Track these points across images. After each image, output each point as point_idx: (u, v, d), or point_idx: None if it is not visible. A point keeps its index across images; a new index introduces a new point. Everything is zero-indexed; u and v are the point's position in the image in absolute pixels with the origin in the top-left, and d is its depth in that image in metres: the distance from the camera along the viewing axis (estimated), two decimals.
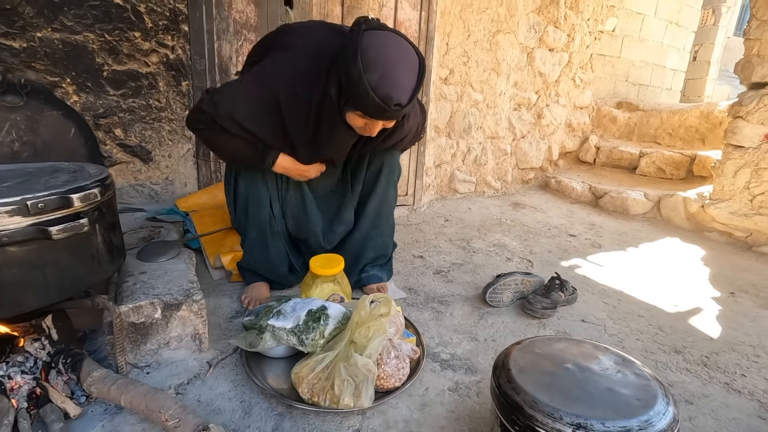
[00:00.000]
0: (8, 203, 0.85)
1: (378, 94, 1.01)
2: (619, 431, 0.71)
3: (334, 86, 1.11)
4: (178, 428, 0.87)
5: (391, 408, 1.06)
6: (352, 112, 1.11)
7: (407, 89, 1.04)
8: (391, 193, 1.59)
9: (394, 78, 1.02)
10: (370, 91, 1.00)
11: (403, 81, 1.04)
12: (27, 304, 0.93)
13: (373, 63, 1.00)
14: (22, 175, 1.06)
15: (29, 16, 1.61)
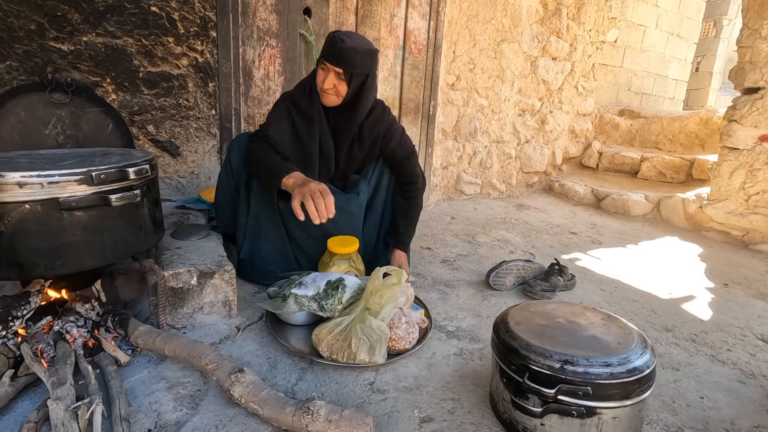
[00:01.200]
0: (76, 173, 1.00)
1: (334, 35, 1.39)
2: (601, 365, 0.82)
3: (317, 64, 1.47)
4: (217, 370, 0.99)
5: (401, 366, 1.18)
6: (320, 65, 1.43)
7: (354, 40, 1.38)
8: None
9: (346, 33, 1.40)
10: (330, 36, 1.39)
11: (351, 36, 1.39)
12: (87, 263, 1.07)
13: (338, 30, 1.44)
14: (79, 156, 1.21)
15: (77, 22, 1.79)
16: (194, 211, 1.85)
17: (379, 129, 1.58)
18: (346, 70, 1.39)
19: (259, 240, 1.59)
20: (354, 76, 1.41)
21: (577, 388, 0.81)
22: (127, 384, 1.01)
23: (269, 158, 1.40)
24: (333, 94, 1.44)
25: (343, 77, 1.40)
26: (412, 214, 1.70)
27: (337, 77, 1.41)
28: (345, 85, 1.42)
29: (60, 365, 0.95)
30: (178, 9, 1.96)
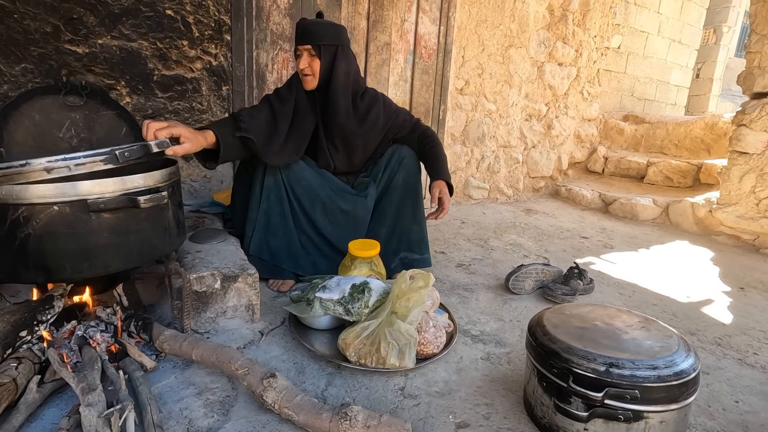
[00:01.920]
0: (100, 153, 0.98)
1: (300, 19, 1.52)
2: (647, 368, 0.81)
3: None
4: (247, 375, 0.97)
5: (430, 371, 1.16)
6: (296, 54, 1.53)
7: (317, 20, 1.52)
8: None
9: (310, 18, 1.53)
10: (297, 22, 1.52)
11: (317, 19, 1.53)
12: (113, 266, 1.05)
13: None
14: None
15: (92, 24, 1.78)
16: (209, 214, 1.83)
17: (378, 106, 1.66)
18: (313, 45, 1.48)
19: (267, 235, 1.59)
20: (322, 48, 1.49)
21: (625, 391, 0.79)
22: (155, 390, 0.98)
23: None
24: (309, 74, 1.51)
25: (313, 53, 1.49)
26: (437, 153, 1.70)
27: (309, 55, 1.50)
28: (317, 61, 1.50)
29: (88, 371, 0.92)
30: (193, 12, 1.95)
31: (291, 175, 1.58)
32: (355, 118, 1.61)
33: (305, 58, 1.50)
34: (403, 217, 1.75)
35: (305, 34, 1.48)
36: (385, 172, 1.72)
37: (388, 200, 1.73)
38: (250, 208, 1.59)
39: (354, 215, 1.68)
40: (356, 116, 1.61)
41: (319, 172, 1.66)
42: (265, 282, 1.58)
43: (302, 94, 1.58)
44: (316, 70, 1.51)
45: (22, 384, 0.89)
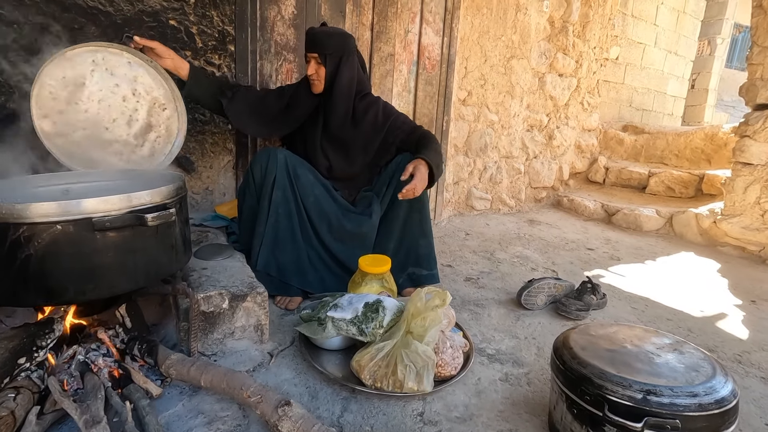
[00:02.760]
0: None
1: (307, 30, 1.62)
2: (687, 395, 0.77)
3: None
4: (260, 403, 0.92)
5: (449, 394, 1.11)
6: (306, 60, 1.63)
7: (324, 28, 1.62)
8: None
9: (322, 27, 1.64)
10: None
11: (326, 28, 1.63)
12: (118, 287, 1.00)
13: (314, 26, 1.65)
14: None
15: (94, 35, 1.73)
16: (213, 228, 1.78)
17: (376, 107, 1.72)
18: (320, 53, 1.57)
19: (275, 249, 1.55)
20: (328, 57, 1.58)
21: (665, 421, 0.75)
22: (162, 419, 0.93)
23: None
24: (316, 79, 1.61)
25: (320, 61, 1.58)
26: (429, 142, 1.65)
27: (317, 62, 1.59)
28: (323, 68, 1.59)
29: (91, 400, 0.87)
30: (197, 23, 1.92)
31: (301, 189, 1.55)
32: (352, 120, 1.69)
33: (313, 65, 1.59)
34: (410, 231, 1.71)
35: (313, 43, 1.57)
36: (390, 185, 1.69)
37: (395, 214, 1.70)
38: (258, 222, 1.55)
39: (360, 234, 1.65)
40: (354, 118, 1.69)
41: (326, 188, 1.63)
42: (272, 299, 1.53)
43: (308, 93, 1.68)
44: (322, 76, 1.60)
45: (21, 416, 0.83)
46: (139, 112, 1.55)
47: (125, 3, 1.76)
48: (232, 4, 1.97)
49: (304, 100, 1.69)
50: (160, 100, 1.59)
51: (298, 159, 1.60)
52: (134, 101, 1.53)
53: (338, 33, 1.62)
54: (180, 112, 1.64)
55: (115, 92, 1.49)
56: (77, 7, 1.68)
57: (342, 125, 1.69)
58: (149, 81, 1.55)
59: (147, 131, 1.59)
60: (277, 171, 1.52)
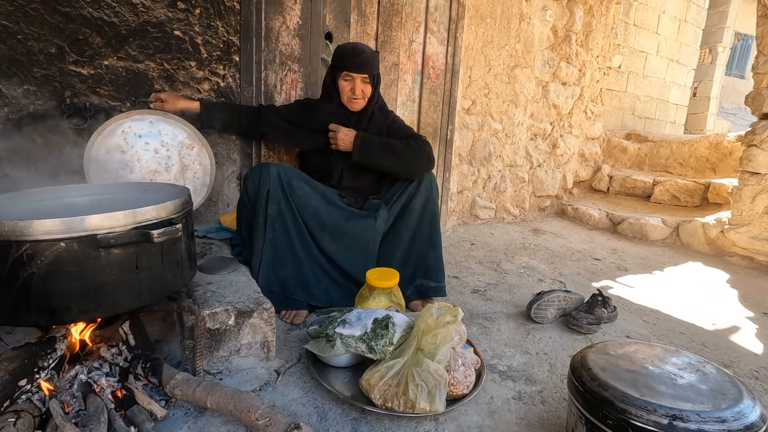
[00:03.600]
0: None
1: (350, 48, 1.64)
2: (715, 421, 0.74)
3: (328, 77, 1.73)
4: (269, 427, 0.89)
5: (461, 414, 1.08)
6: (340, 77, 1.65)
7: (365, 47, 1.66)
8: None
9: (357, 44, 1.68)
10: (346, 50, 1.63)
11: (361, 44, 1.68)
12: (123, 305, 0.97)
13: (345, 44, 1.69)
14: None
15: (98, 45, 1.72)
16: (217, 240, 1.76)
17: (386, 117, 1.77)
18: (370, 74, 1.63)
19: (275, 266, 1.53)
20: (374, 77, 1.66)
21: None
22: None
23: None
24: (361, 98, 1.66)
25: (368, 80, 1.64)
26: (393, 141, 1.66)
27: (363, 82, 1.64)
28: (370, 87, 1.66)
29: (94, 425, 0.84)
30: (202, 33, 1.91)
31: (297, 201, 1.53)
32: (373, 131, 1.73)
33: (360, 84, 1.63)
34: (419, 242, 1.69)
35: (365, 65, 1.61)
36: (401, 195, 1.67)
37: (405, 224, 1.68)
38: (255, 239, 1.53)
39: (362, 238, 1.62)
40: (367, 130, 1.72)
41: (325, 198, 1.61)
42: (278, 314, 1.50)
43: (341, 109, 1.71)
44: (367, 95, 1.67)
45: None
46: (172, 158, 1.81)
47: (130, 14, 1.75)
48: (237, 14, 1.96)
49: (339, 115, 1.71)
50: (186, 141, 1.84)
51: (293, 171, 1.58)
52: (164, 151, 1.79)
53: (377, 53, 1.69)
54: (205, 146, 1.88)
55: (147, 149, 1.75)
56: (82, 18, 1.67)
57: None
58: (171, 129, 1.80)
59: (184, 171, 1.84)
60: (271, 185, 1.50)
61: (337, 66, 1.65)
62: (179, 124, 1.84)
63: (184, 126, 1.85)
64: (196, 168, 1.91)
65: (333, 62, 1.68)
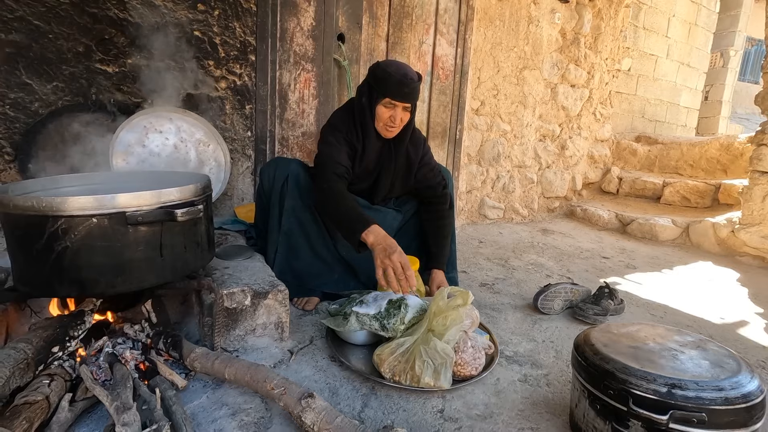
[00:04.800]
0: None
1: (397, 74, 1.42)
2: (713, 389, 0.76)
3: (363, 96, 1.49)
4: (284, 395, 0.93)
5: (468, 393, 1.11)
6: (381, 102, 1.45)
7: (413, 73, 1.45)
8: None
9: (403, 68, 1.45)
10: (392, 74, 1.42)
11: (409, 70, 1.46)
12: (147, 281, 1.03)
13: (389, 65, 1.46)
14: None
15: (123, 45, 1.81)
16: (232, 231, 1.82)
17: (419, 151, 1.63)
18: (412, 103, 1.48)
19: (290, 256, 1.57)
20: (414, 106, 1.50)
21: (691, 414, 0.75)
22: (188, 409, 0.95)
23: (345, 205, 1.39)
24: (398, 125, 1.49)
25: (408, 109, 1.48)
26: (444, 233, 1.65)
27: (404, 110, 1.47)
28: (408, 115, 1.50)
29: (121, 389, 0.89)
30: (220, 34, 1.99)
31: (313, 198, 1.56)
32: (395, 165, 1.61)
33: (400, 112, 1.46)
34: None
35: (413, 94, 1.44)
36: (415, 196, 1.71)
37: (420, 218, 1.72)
38: (270, 230, 1.58)
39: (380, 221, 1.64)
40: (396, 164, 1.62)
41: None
42: (290, 301, 1.55)
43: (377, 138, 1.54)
44: (404, 122, 1.50)
45: (54, 402, 0.86)
46: (190, 153, 1.90)
47: (153, 15, 1.84)
48: (254, 15, 2.04)
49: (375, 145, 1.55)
50: (203, 139, 1.93)
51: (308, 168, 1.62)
52: (183, 146, 1.88)
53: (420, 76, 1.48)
54: (221, 144, 1.97)
55: (166, 145, 1.84)
56: (108, 19, 1.77)
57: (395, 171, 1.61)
58: (189, 127, 1.89)
59: (201, 167, 1.92)
60: (288, 182, 1.54)
61: (378, 90, 1.43)
62: (197, 122, 1.92)
63: (202, 124, 1.93)
64: (212, 164, 1.99)
65: (373, 84, 1.45)
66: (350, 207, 1.39)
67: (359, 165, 1.55)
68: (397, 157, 1.58)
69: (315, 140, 2.34)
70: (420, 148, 1.63)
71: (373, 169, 1.59)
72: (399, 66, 1.44)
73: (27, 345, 0.90)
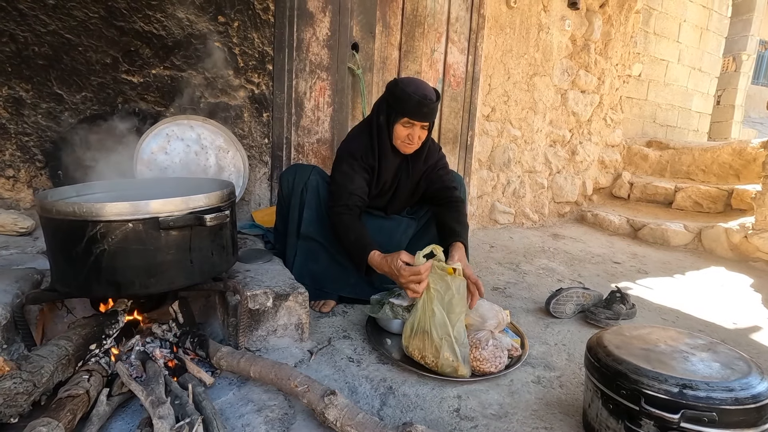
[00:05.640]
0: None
1: (416, 95, 1.43)
2: (723, 389, 0.79)
3: (381, 114, 1.53)
4: (307, 393, 0.98)
5: (483, 393, 1.15)
6: (399, 122, 1.48)
7: (432, 94, 1.47)
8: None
9: (422, 88, 1.47)
10: (411, 95, 1.43)
11: (428, 90, 1.47)
12: (177, 282, 1.08)
13: (408, 84, 1.47)
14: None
15: (147, 56, 1.89)
16: (250, 236, 1.88)
17: (434, 159, 1.68)
18: (430, 122, 1.51)
19: (308, 261, 1.62)
20: (432, 123, 1.54)
21: (702, 413, 0.77)
22: (216, 405, 0.99)
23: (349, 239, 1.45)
24: (416, 143, 1.54)
25: (425, 127, 1.52)
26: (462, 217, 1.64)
27: (422, 128, 1.51)
28: (425, 133, 1.54)
29: (154, 384, 0.94)
30: (239, 44, 2.06)
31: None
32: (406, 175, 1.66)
33: (418, 131, 1.49)
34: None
35: (430, 114, 1.47)
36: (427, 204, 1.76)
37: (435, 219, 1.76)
38: (289, 234, 1.63)
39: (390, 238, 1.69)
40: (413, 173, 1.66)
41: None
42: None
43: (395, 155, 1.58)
44: (422, 140, 1.54)
45: (93, 396, 0.91)
46: (210, 160, 1.98)
47: (176, 27, 1.91)
48: (271, 26, 2.11)
49: (392, 162, 1.59)
50: (223, 146, 2.01)
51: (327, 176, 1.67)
52: (204, 153, 1.96)
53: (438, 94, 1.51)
54: (239, 150, 2.05)
55: (188, 152, 1.91)
56: (134, 31, 1.84)
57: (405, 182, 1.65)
58: (209, 134, 1.97)
59: (220, 173, 2.00)
60: (308, 191, 1.59)
61: (396, 109, 1.46)
62: (217, 130, 1.98)
63: (221, 131, 1.99)
64: (231, 170, 2.05)
65: (392, 103, 1.47)
66: (354, 240, 1.44)
67: (377, 183, 1.61)
68: (414, 171, 1.63)
69: (329, 147, 2.40)
70: (435, 155, 1.69)
71: (390, 185, 1.66)
72: (418, 86, 1.45)
73: (68, 342, 0.95)
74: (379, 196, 1.66)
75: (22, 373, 0.82)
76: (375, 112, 1.56)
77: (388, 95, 1.50)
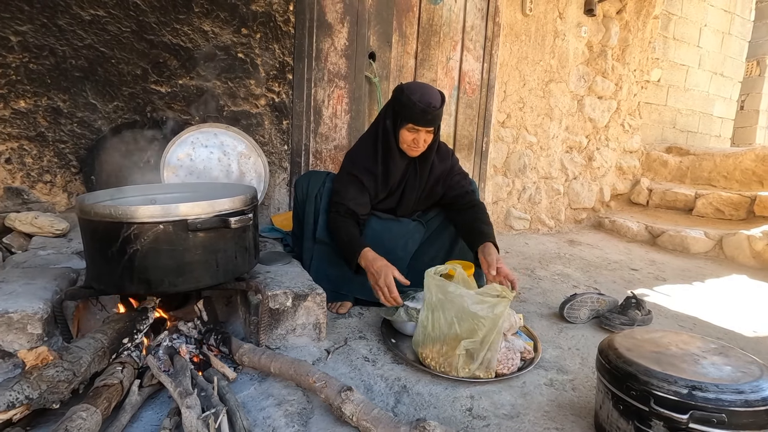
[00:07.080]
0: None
1: (421, 102, 1.48)
2: (733, 391, 0.80)
3: (388, 119, 1.58)
4: (324, 388, 1.02)
5: (495, 393, 1.17)
6: (404, 127, 1.53)
7: (437, 100, 1.51)
8: None
9: (427, 95, 1.50)
10: (416, 103, 1.47)
11: (433, 97, 1.51)
12: (203, 282, 1.14)
13: (413, 91, 1.51)
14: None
15: (174, 67, 1.99)
16: (270, 239, 1.94)
17: (446, 164, 1.71)
18: (435, 127, 1.56)
19: (324, 264, 1.67)
20: (438, 126, 1.60)
21: (711, 414, 0.79)
22: (239, 398, 1.04)
23: (340, 238, 1.55)
24: (423, 147, 1.59)
25: (431, 131, 1.56)
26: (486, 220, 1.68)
27: (427, 133, 1.56)
28: (431, 136, 1.58)
29: (182, 377, 1.00)
30: (261, 55, 2.15)
31: None
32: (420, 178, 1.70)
33: (423, 135, 1.54)
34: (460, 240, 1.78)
35: (434, 120, 1.52)
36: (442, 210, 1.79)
37: (446, 225, 1.79)
38: (305, 238, 1.69)
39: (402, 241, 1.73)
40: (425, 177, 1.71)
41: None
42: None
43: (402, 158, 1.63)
44: (428, 143, 1.59)
45: (126, 386, 0.97)
46: (232, 166, 2.07)
47: (202, 39, 2.01)
48: (291, 37, 2.19)
49: (399, 165, 1.63)
50: (245, 152, 2.09)
51: None
52: (226, 159, 2.04)
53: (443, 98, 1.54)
54: (260, 156, 2.12)
55: (211, 158, 2.00)
56: (163, 44, 1.94)
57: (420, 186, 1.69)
58: (232, 141, 2.06)
59: (242, 178, 2.09)
60: (323, 198, 1.66)
61: (402, 115, 1.51)
62: (239, 137, 2.06)
63: (243, 138, 2.07)
64: (252, 175, 2.13)
65: (397, 109, 1.53)
66: (346, 240, 1.54)
67: (384, 186, 1.66)
68: (422, 173, 1.67)
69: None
70: (448, 160, 1.72)
71: (397, 187, 1.70)
72: (423, 92, 1.49)
73: (103, 336, 1.02)
74: (387, 198, 1.70)
75: (63, 362, 0.89)
76: (382, 116, 1.63)
77: (394, 101, 1.56)
